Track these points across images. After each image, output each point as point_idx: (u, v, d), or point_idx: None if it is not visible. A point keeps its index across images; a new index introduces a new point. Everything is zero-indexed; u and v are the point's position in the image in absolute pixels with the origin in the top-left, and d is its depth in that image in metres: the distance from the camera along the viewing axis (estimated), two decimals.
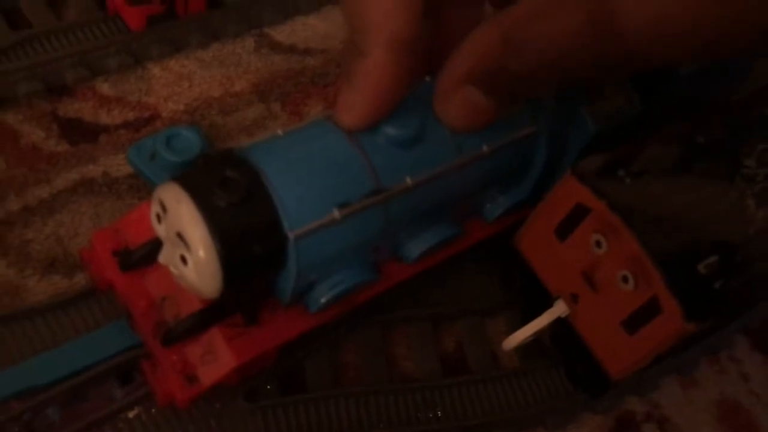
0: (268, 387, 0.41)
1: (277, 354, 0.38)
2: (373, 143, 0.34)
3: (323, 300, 0.36)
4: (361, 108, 0.33)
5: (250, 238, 0.31)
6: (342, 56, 0.32)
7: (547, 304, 0.41)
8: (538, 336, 0.42)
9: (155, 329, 0.36)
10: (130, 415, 0.38)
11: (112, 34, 0.52)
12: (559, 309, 0.40)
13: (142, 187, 0.47)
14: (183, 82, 0.53)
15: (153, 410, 0.39)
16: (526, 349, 0.43)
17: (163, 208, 0.31)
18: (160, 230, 0.32)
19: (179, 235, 0.31)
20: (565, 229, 0.39)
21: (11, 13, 0.51)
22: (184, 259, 0.31)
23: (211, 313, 0.35)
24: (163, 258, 0.33)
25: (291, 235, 0.32)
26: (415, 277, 0.41)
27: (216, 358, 0.35)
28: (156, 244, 0.34)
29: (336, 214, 0.33)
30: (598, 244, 0.37)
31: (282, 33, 0.57)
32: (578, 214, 0.37)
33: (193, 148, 0.46)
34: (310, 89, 0.55)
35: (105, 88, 0.51)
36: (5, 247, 0.43)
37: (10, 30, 0.50)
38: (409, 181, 0.34)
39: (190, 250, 0.30)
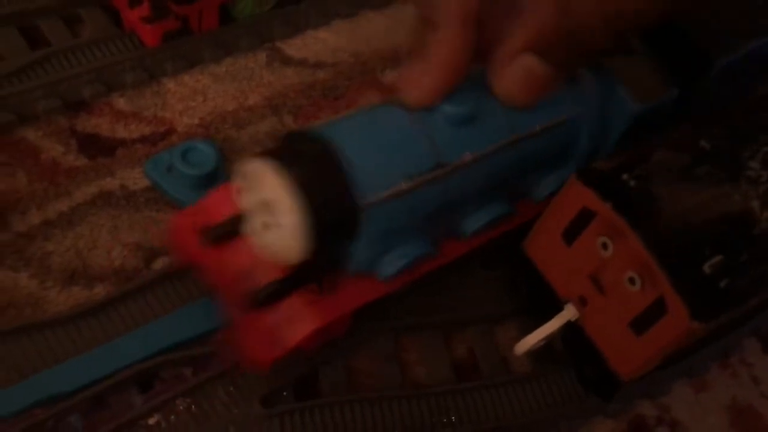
0: (284, 393, 0.42)
1: (350, 322, 0.40)
2: (432, 121, 0.36)
3: (391, 269, 0.38)
4: (431, 81, 0.35)
5: (329, 207, 0.33)
6: (410, 36, 0.35)
7: (557, 308, 0.42)
8: (548, 340, 0.42)
9: (239, 298, 0.37)
10: (150, 422, 0.39)
11: (128, 50, 0.53)
12: (568, 313, 0.41)
13: (159, 200, 0.48)
14: (197, 97, 0.54)
15: (172, 417, 0.40)
16: (537, 353, 0.44)
17: (248, 182, 0.34)
18: (245, 202, 0.35)
19: (265, 204, 0.33)
20: (571, 234, 0.39)
21: (31, 32, 0.53)
22: (268, 228, 0.34)
23: (291, 281, 0.37)
24: (246, 230, 0.35)
25: (364, 205, 0.34)
26: (424, 284, 0.42)
27: (297, 320, 0.37)
28: (236, 221, 0.36)
29: (403, 185, 0.35)
30: (605, 246, 0.37)
31: (293, 47, 0.58)
32: (584, 218, 0.38)
33: (209, 161, 0.48)
34: (321, 102, 0.56)
35: (121, 103, 0.53)
36: (27, 259, 0.45)
37: (30, 49, 0.52)
38: (467, 156, 0.37)
39: (277, 216, 0.33)
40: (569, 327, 0.41)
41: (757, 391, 0.50)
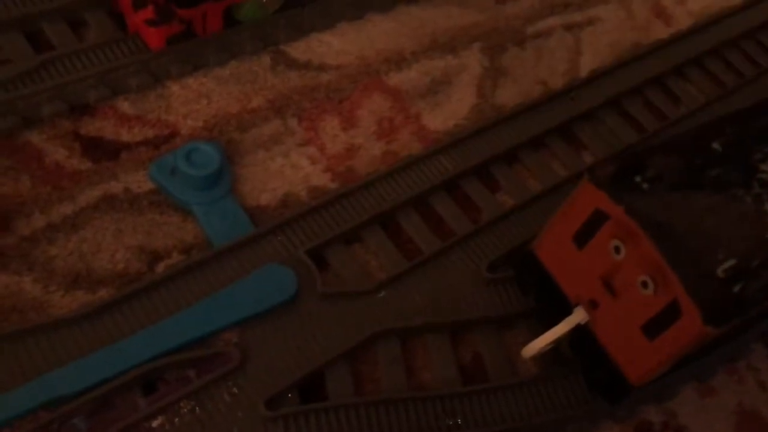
0: (289, 396, 0.41)
1: None
2: None
3: None
4: None
5: None
6: None
7: (565, 311, 0.41)
8: (557, 344, 0.42)
9: None
10: (154, 424, 0.39)
11: (132, 53, 0.53)
12: (578, 316, 0.41)
13: (162, 203, 0.48)
14: (201, 100, 0.54)
15: (176, 420, 0.39)
16: (545, 357, 0.44)
17: None
18: None
19: None
20: (583, 236, 0.39)
21: (35, 36, 0.52)
22: None
23: None
24: None
25: None
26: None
27: None
28: None
29: None
30: (617, 249, 0.37)
31: (297, 50, 0.58)
32: (596, 220, 0.38)
33: (212, 162, 0.47)
34: (325, 105, 0.56)
35: (126, 106, 0.52)
36: (31, 263, 0.44)
37: (35, 53, 0.51)
38: None
39: None
40: (578, 330, 0.41)
41: (764, 396, 0.50)
